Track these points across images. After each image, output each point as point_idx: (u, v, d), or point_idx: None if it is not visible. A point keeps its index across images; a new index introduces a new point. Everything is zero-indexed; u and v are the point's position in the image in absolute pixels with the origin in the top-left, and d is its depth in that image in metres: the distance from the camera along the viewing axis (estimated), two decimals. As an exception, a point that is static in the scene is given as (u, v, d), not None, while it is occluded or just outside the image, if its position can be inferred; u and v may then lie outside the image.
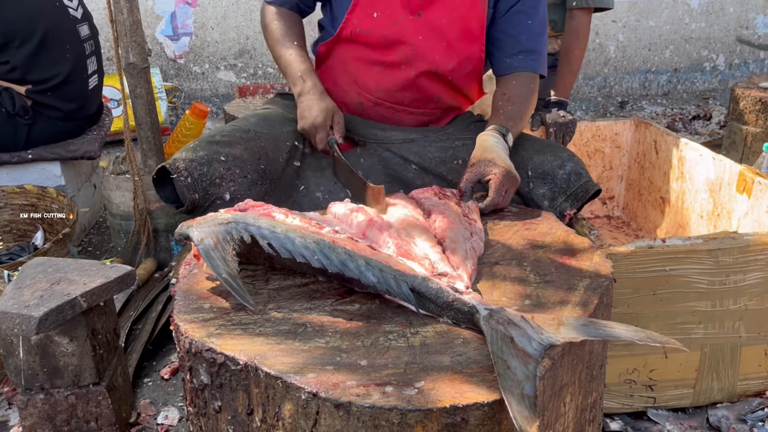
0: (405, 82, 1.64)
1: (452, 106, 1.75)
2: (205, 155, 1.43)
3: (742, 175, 1.81)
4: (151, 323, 1.87)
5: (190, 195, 1.41)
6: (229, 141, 1.48)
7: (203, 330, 0.95)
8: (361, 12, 1.60)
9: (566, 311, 1.00)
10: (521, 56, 1.65)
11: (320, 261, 1.03)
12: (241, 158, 1.45)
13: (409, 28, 1.60)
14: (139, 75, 1.96)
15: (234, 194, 1.43)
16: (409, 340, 0.92)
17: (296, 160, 1.58)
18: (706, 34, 5.01)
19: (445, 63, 1.63)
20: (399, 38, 1.60)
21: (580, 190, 1.51)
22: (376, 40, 1.61)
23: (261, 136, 1.54)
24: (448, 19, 1.60)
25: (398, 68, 1.63)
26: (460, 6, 1.60)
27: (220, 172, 1.42)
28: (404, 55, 1.62)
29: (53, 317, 1.26)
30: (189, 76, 4.45)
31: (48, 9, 2.38)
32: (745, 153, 3.31)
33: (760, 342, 1.54)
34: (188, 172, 1.40)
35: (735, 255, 1.45)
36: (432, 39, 1.61)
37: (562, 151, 1.58)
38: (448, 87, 1.69)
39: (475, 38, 1.64)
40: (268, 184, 1.50)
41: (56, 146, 2.43)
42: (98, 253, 2.51)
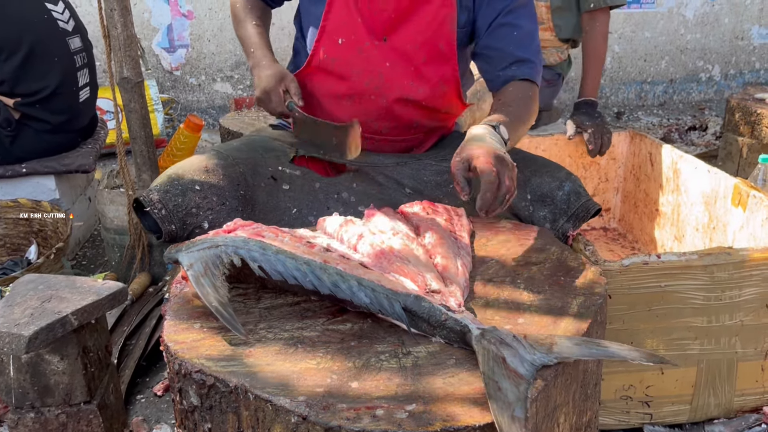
0: (379, 111, 1.61)
1: (434, 127, 1.72)
2: (179, 185, 1.42)
3: (737, 189, 1.81)
4: (145, 339, 1.85)
5: (166, 227, 1.40)
6: (206, 168, 1.46)
7: (193, 351, 0.94)
8: (328, 39, 1.57)
9: (560, 330, 0.99)
10: (514, 67, 1.59)
11: (312, 282, 1.02)
12: (217, 186, 1.44)
13: (375, 55, 1.56)
14: (133, 89, 1.96)
15: (212, 222, 1.42)
16: (401, 361, 0.91)
17: (285, 184, 1.56)
18: (701, 45, 5.03)
19: (416, 89, 1.59)
20: (365, 66, 1.57)
21: (581, 210, 1.51)
22: (343, 69, 1.58)
23: (240, 161, 1.52)
24: (413, 44, 1.56)
25: (369, 99, 1.59)
26: (426, 29, 1.55)
27: (195, 202, 1.41)
28: (373, 84, 1.58)
29: (43, 336, 1.25)
30: (185, 88, 4.45)
31: (36, 21, 2.37)
32: (741, 164, 3.31)
33: (757, 357, 1.53)
34: (162, 204, 1.40)
35: (730, 271, 1.44)
36: (400, 65, 1.57)
37: (559, 170, 1.57)
38: (425, 111, 1.64)
39: (445, 59, 1.59)
40: (249, 209, 1.48)
41: (50, 160, 2.42)
42: (92, 266, 2.50)
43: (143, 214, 1.44)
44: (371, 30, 1.55)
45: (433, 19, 1.54)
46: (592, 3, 2.39)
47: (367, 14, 1.55)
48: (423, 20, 1.54)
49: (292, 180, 1.59)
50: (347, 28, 1.56)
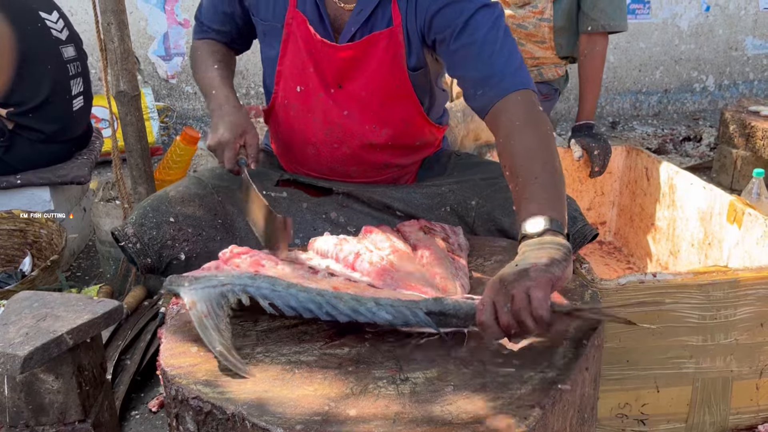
0: (344, 157, 1.56)
1: (406, 164, 1.65)
2: (153, 218, 1.41)
3: (732, 206, 1.82)
4: (140, 354, 1.85)
5: (141, 260, 1.40)
6: (182, 199, 1.45)
7: (190, 376, 0.93)
8: (286, 84, 1.53)
9: (557, 355, 0.99)
10: (480, 92, 1.35)
11: (329, 313, 1.01)
12: (193, 216, 1.43)
13: (331, 106, 1.50)
14: (129, 103, 1.96)
15: (189, 253, 1.42)
16: (399, 388, 0.91)
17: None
18: (695, 56, 5.06)
19: (378, 133, 1.52)
20: (323, 117, 1.51)
21: (578, 236, 1.50)
22: (303, 116, 1.53)
23: (218, 189, 1.51)
24: (367, 89, 1.48)
25: (332, 147, 1.54)
26: (377, 72, 1.46)
27: (170, 234, 1.41)
28: (333, 134, 1.53)
29: (38, 356, 1.24)
30: (181, 96, 4.45)
31: (28, 30, 2.36)
32: (735, 176, 3.33)
33: (752, 376, 1.53)
34: (137, 238, 1.40)
35: (726, 290, 1.45)
36: (357, 111, 1.50)
37: None
38: (394, 150, 1.57)
39: (402, 97, 1.49)
40: (230, 238, 1.46)
41: (45, 171, 2.41)
42: (87, 278, 2.49)
43: (123, 247, 1.43)
44: (324, 81, 1.48)
45: (382, 61, 1.45)
46: (590, 26, 2.39)
47: (319, 65, 1.48)
48: (372, 66, 1.46)
49: (277, 203, 1.55)
50: (303, 76, 1.50)
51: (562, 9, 2.44)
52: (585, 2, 2.38)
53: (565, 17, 2.45)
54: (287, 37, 1.49)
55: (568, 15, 2.45)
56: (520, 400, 0.88)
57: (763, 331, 1.49)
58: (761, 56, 5.18)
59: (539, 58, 2.55)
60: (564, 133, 4.44)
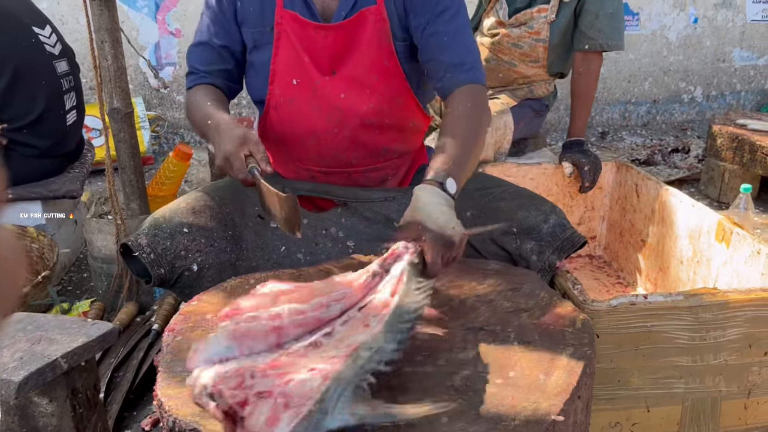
0: (345, 143, 1.61)
1: (404, 151, 1.71)
2: (167, 228, 1.42)
3: (720, 225, 1.85)
4: (132, 371, 1.84)
5: (155, 271, 1.40)
6: (193, 210, 1.47)
7: (188, 408, 0.94)
8: (281, 81, 1.58)
9: (550, 384, 1.00)
10: (449, 74, 1.53)
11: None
12: (205, 227, 1.45)
13: (328, 90, 1.56)
14: (123, 120, 1.96)
15: (201, 264, 1.43)
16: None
17: (273, 222, 1.57)
18: (684, 67, 5.12)
19: (375, 110, 1.58)
20: (322, 102, 1.57)
21: (567, 243, 1.54)
22: (302, 107, 1.58)
23: (226, 202, 1.53)
24: (362, 68, 1.56)
25: (332, 133, 1.59)
26: (368, 50, 1.55)
27: (184, 244, 1.42)
28: (334, 118, 1.58)
29: (33, 381, 1.24)
30: (173, 106, 4.44)
31: (22, 45, 2.36)
32: (722, 189, 3.37)
33: (740, 396, 1.55)
34: (151, 248, 1.40)
35: (715, 311, 1.47)
36: (353, 92, 1.57)
37: (544, 203, 1.60)
38: (391, 133, 1.64)
39: (392, 74, 1.58)
40: (238, 250, 1.49)
41: (37, 185, 2.40)
42: (78, 292, 2.48)
43: (130, 259, 1.44)
44: (319, 67, 1.56)
45: (372, 39, 1.55)
46: (587, 44, 2.40)
47: (312, 53, 1.55)
48: (363, 44, 1.55)
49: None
50: (298, 68, 1.56)
51: (558, 27, 2.45)
52: (583, 21, 2.39)
53: (561, 35, 2.47)
54: (278, 36, 1.55)
55: (563, 33, 2.47)
56: (514, 431, 0.89)
57: (751, 352, 1.52)
58: (748, 67, 5.24)
59: (530, 76, 2.58)
60: (554, 143, 4.47)
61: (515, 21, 2.51)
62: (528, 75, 2.58)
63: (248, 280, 1.35)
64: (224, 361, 0.89)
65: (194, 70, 1.65)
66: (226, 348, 0.91)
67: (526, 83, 2.59)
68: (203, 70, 1.63)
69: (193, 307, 1.24)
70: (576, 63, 2.44)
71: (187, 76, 1.66)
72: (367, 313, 1.06)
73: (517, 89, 2.61)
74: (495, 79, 2.64)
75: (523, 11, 2.49)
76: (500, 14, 2.54)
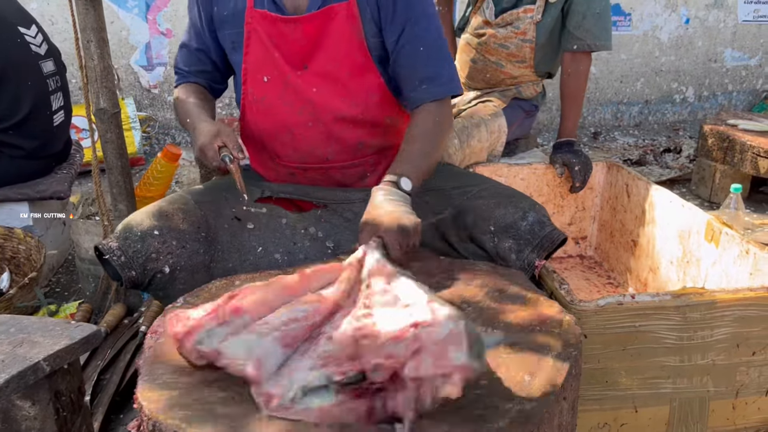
0: (320, 137, 1.62)
1: (381, 147, 1.71)
2: (138, 231, 1.43)
3: (709, 225, 1.84)
4: (119, 374, 1.83)
5: (126, 273, 1.41)
6: (166, 213, 1.48)
7: (168, 411, 0.93)
8: (252, 79, 1.61)
9: (535, 384, 1.00)
10: (424, 86, 1.56)
11: None
12: (177, 229, 1.45)
13: (300, 84, 1.58)
14: (109, 120, 1.94)
15: (173, 266, 1.44)
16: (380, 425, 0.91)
17: (250, 223, 1.57)
18: (675, 67, 5.13)
19: (348, 105, 1.60)
20: (294, 97, 1.59)
21: (546, 241, 1.52)
22: (274, 103, 1.60)
23: (201, 204, 1.54)
24: (334, 63, 1.57)
25: (307, 127, 1.61)
26: (338, 46, 1.56)
27: (155, 247, 1.42)
28: (306, 112, 1.60)
29: (14, 384, 1.23)
30: (163, 106, 4.42)
31: (8, 46, 2.34)
32: (713, 189, 3.38)
33: (728, 396, 1.55)
34: (122, 251, 1.41)
35: (702, 311, 1.47)
36: (326, 87, 1.58)
37: (523, 200, 1.59)
38: (365, 128, 1.64)
39: (366, 69, 1.59)
40: (212, 251, 1.49)
41: (24, 186, 2.39)
42: (66, 293, 2.46)
43: (105, 262, 1.43)
44: (290, 62, 1.58)
45: (342, 34, 1.55)
46: (575, 45, 2.39)
47: (283, 48, 1.57)
48: (333, 39, 1.56)
49: (257, 218, 1.58)
50: (269, 64, 1.59)
51: (545, 27, 2.45)
52: (570, 21, 2.39)
53: (547, 35, 2.46)
54: (249, 35, 1.58)
55: (550, 33, 2.46)
56: (497, 433, 0.88)
57: (739, 352, 1.51)
58: (740, 68, 5.26)
59: (517, 77, 2.57)
60: (546, 143, 4.47)
61: (501, 21, 2.50)
62: (515, 75, 2.57)
63: (233, 282, 1.34)
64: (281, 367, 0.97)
65: (179, 71, 1.73)
66: (283, 355, 0.99)
67: (514, 84, 2.59)
68: (186, 70, 1.72)
69: (177, 309, 1.23)
70: (565, 63, 2.43)
71: (175, 75, 1.74)
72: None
73: (506, 90, 2.60)
74: (482, 80, 2.63)
75: (510, 11, 2.48)
76: (487, 14, 2.53)
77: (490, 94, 2.59)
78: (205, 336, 1.00)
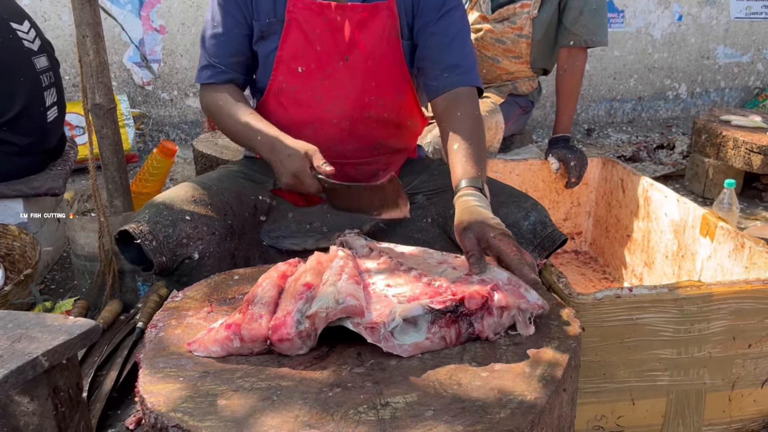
0: (341, 135, 1.61)
1: (397, 148, 1.72)
2: (169, 215, 1.40)
3: (705, 219, 1.86)
4: (116, 369, 1.82)
5: (157, 258, 1.38)
6: (193, 198, 1.45)
7: (170, 403, 0.93)
8: (286, 68, 1.58)
9: (535, 377, 1.00)
10: (446, 74, 1.57)
11: None
12: (206, 215, 1.43)
13: (337, 78, 1.57)
14: (105, 116, 1.94)
15: (203, 252, 1.41)
16: (379, 413, 0.91)
17: (262, 215, 1.56)
18: (668, 64, 5.15)
19: (377, 103, 1.60)
20: (327, 92, 1.58)
21: (547, 241, 1.53)
22: (304, 96, 1.58)
23: (224, 191, 1.52)
24: (373, 58, 1.58)
25: (331, 124, 1.59)
26: (379, 41, 1.57)
27: (186, 232, 1.40)
28: (335, 109, 1.58)
29: (13, 379, 1.22)
30: (157, 103, 4.41)
31: (0, 42, 2.32)
32: (707, 185, 3.40)
33: (724, 389, 1.56)
34: (153, 235, 1.37)
35: (699, 304, 1.48)
36: (360, 82, 1.58)
37: (525, 200, 1.59)
38: (387, 128, 1.65)
39: (399, 69, 1.62)
40: (237, 239, 1.48)
41: (18, 183, 2.37)
42: (61, 290, 2.45)
43: (125, 246, 1.41)
44: (332, 54, 1.56)
45: (383, 30, 1.57)
46: (572, 40, 2.40)
47: (325, 39, 1.56)
48: (374, 34, 1.57)
49: (269, 210, 1.59)
50: (307, 55, 1.57)
51: (541, 23, 2.45)
52: (567, 17, 2.40)
53: (544, 30, 2.47)
54: (289, 24, 1.55)
55: (546, 28, 2.47)
56: (499, 424, 0.89)
57: (735, 345, 1.53)
58: (732, 64, 5.29)
59: (513, 72, 2.58)
60: (540, 140, 4.48)
61: (498, 16, 2.51)
62: (511, 71, 2.58)
63: (232, 276, 1.34)
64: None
65: (212, 64, 1.61)
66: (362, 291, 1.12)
67: (510, 80, 2.59)
68: (223, 63, 1.61)
69: (176, 303, 1.23)
70: (561, 59, 2.44)
71: (202, 70, 1.63)
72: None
73: (502, 86, 2.61)
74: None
75: (506, 6, 2.49)
76: (483, 9, 2.54)
77: (487, 90, 2.60)
78: (300, 317, 1.04)
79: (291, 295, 1.11)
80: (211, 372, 1.01)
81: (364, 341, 1.09)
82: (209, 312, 1.19)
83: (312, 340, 1.06)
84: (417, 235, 1.58)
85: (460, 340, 1.08)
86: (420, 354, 1.06)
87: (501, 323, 1.09)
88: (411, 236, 1.58)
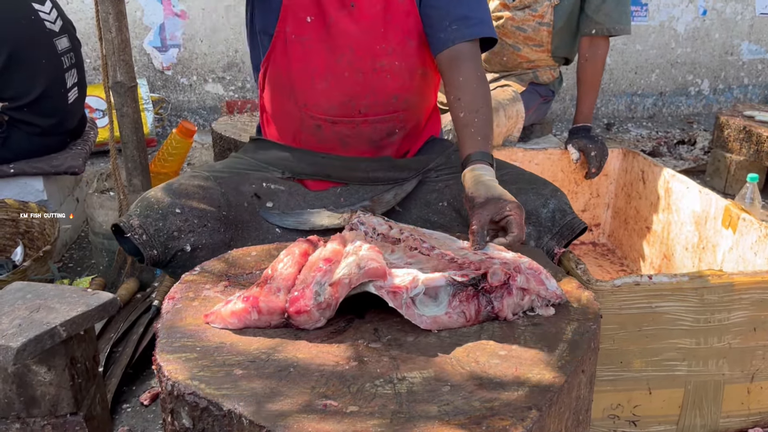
0: (357, 88, 1.56)
1: (414, 103, 1.65)
2: (159, 209, 1.41)
3: (727, 211, 1.83)
4: (132, 346, 1.84)
5: (147, 252, 1.40)
6: (186, 191, 1.46)
7: (186, 372, 0.93)
8: (294, 17, 1.53)
9: (554, 357, 0.99)
10: (455, 26, 1.51)
11: None
12: (198, 207, 1.44)
13: (342, 26, 1.52)
14: (126, 94, 1.94)
15: (195, 244, 1.42)
16: (396, 387, 0.91)
17: (269, 201, 1.55)
18: (691, 59, 5.08)
19: (387, 51, 1.54)
20: (334, 43, 1.53)
21: (566, 229, 1.51)
22: (314, 46, 1.53)
23: (222, 181, 1.52)
24: (380, 4, 1.52)
25: (343, 77, 1.54)
26: None
27: (177, 225, 1.41)
28: (344, 61, 1.53)
29: (32, 347, 1.24)
30: (176, 88, 4.42)
31: (23, 24, 2.33)
32: (728, 181, 3.35)
33: (743, 380, 1.54)
34: (143, 229, 1.39)
35: (720, 293, 1.45)
36: (368, 30, 1.53)
37: (544, 187, 1.56)
38: (402, 78, 1.59)
39: (408, 12, 1.54)
40: (233, 229, 1.48)
41: (39, 161, 2.39)
42: (79, 269, 2.47)
43: (123, 239, 1.42)
44: (337, 1, 1.51)
45: None
46: (594, 29, 2.37)
47: None
48: None
49: (277, 196, 1.57)
50: (313, 4, 1.52)
51: (563, 10, 2.43)
52: (589, 5, 2.37)
53: (565, 18, 2.44)
54: None
55: (568, 17, 2.44)
56: (517, 401, 0.88)
57: (755, 336, 1.50)
58: (756, 61, 5.20)
59: (534, 61, 2.55)
60: (559, 133, 4.44)
61: (519, 3, 2.48)
62: (532, 59, 2.55)
63: (249, 252, 1.34)
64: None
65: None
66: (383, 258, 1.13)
67: (531, 68, 2.57)
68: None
69: (194, 276, 1.23)
70: (582, 48, 2.42)
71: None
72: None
73: (523, 74, 2.58)
74: (499, 63, 2.62)
75: None
76: None
77: (508, 78, 2.58)
78: (319, 288, 1.05)
79: (310, 268, 1.11)
80: (227, 343, 1.01)
81: (381, 318, 1.09)
82: (226, 286, 1.19)
83: (331, 311, 1.05)
84: (434, 218, 1.57)
85: (479, 318, 1.08)
86: (438, 331, 1.05)
87: (520, 305, 1.10)
88: (428, 219, 1.57)
